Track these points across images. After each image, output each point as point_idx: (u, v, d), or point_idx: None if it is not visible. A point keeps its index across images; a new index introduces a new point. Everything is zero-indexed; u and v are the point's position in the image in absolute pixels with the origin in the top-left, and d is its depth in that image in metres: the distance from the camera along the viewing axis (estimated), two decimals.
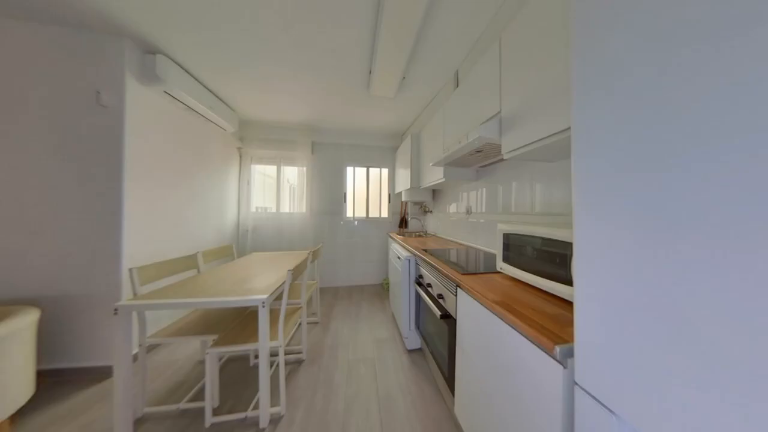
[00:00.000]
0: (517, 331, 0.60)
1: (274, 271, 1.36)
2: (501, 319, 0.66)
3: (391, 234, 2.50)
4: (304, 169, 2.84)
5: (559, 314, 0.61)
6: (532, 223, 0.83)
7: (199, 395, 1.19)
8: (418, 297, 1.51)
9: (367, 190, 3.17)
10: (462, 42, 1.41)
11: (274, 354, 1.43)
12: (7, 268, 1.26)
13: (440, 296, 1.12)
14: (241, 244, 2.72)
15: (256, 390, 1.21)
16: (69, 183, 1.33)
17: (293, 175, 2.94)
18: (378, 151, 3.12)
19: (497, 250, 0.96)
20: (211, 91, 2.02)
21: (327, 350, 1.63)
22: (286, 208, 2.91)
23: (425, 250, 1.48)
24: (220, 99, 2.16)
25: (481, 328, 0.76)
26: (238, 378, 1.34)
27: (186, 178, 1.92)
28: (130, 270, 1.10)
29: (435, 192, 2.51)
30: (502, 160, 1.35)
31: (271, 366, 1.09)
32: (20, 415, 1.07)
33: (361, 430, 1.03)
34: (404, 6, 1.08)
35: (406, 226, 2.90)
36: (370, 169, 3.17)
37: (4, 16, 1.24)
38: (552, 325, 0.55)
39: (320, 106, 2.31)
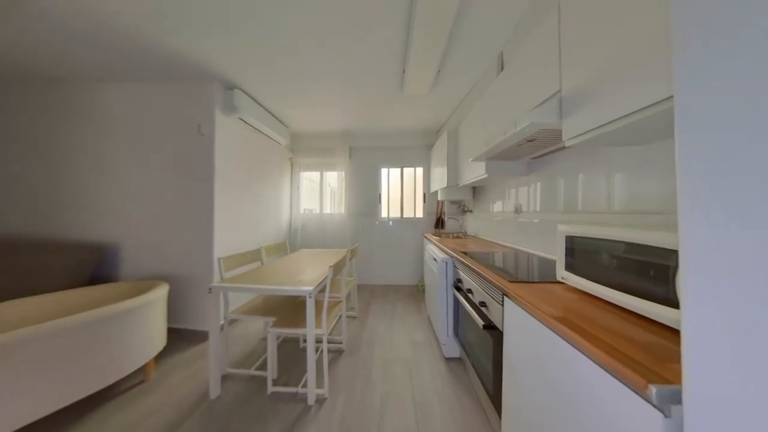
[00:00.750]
0: (590, 359, 0.48)
1: (318, 267, 1.51)
2: (566, 341, 0.54)
3: (426, 235, 2.41)
4: (343, 173, 3.03)
5: (653, 343, 0.46)
6: (608, 224, 0.67)
7: (263, 366, 1.41)
8: (457, 302, 1.41)
9: (401, 191, 3.14)
10: (506, 18, 1.25)
11: (318, 341, 1.51)
12: (151, 254, 1.82)
13: (483, 304, 1.01)
14: (292, 241, 3.08)
15: (305, 370, 1.36)
16: (183, 194, 1.81)
17: (333, 179, 3.16)
18: (412, 150, 3.08)
19: (557, 256, 0.80)
20: (270, 113, 2.39)
21: (364, 345, 1.69)
22: (327, 209, 3.17)
23: (465, 253, 1.37)
24: (276, 118, 2.52)
25: (536, 348, 0.65)
26: (291, 357, 1.54)
27: (253, 187, 2.31)
28: (218, 259, 1.41)
29: (475, 189, 2.31)
30: (562, 148, 1.14)
31: (316, 351, 1.20)
32: (159, 357, 1.47)
33: (396, 429, 1.03)
34: None
35: (442, 227, 2.76)
36: (405, 169, 3.13)
37: (138, 80, 1.80)
38: (642, 357, 0.42)
39: (356, 112, 2.40)
